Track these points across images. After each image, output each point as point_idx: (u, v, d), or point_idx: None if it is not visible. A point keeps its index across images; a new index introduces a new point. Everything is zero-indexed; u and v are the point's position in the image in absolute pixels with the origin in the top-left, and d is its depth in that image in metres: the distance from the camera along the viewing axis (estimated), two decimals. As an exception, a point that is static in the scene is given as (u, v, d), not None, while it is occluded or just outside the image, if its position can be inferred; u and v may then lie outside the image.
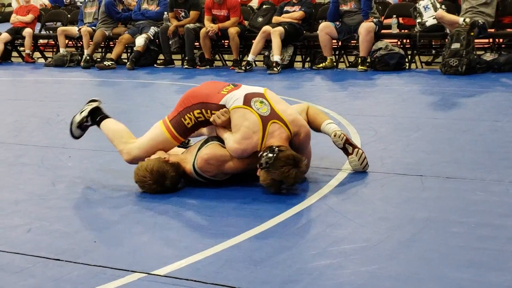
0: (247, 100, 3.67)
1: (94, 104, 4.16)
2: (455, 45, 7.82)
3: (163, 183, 3.60)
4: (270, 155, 3.44)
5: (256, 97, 3.70)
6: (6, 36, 11.60)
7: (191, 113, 3.77)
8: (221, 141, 3.71)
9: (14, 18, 11.82)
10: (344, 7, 8.94)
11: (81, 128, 4.10)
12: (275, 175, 3.45)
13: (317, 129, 3.97)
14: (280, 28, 9.00)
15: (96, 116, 4.09)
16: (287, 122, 3.64)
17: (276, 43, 8.93)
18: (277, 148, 3.47)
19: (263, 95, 3.73)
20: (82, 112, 4.10)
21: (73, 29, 11.20)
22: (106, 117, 4.12)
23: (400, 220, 3.08)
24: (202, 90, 3.87)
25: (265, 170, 3.45)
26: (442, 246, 2.73)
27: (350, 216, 3.14)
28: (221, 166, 3.65)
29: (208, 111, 3.74)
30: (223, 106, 3.70)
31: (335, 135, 3.88)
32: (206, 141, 3.74)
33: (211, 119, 3.73)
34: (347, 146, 3.89)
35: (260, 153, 3.52)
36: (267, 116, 3.61)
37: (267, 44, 9.36)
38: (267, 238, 2.92)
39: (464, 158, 4.13)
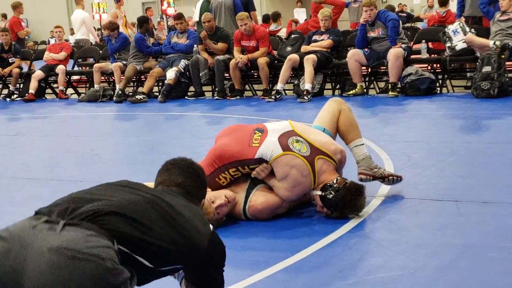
0: (284, 145, 3.60)
1: None
2: (486, 68, 7.77)
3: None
4: (338, 196, 3.47)
5: (290, 137, 3.64)
6: (39, 73, 11.82)
7: (226, 172, 3.66)
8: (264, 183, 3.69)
9: (47, 55, 12.05)
10: (372, 34, 8.95)
11: None
12: (349, 212, 3.53)
13: (345, 143, 4.00)
14: (313, 56, 9.02)
15: None
16: (330, 154, 3.65)
17: (308, 71, 8.94)
18: (336, 185, 3.50)
19: (293, 132, 3.69)
20: None
21: (108, 65, 11.37)
22: None
23: (436, 247, 3.04)
24: (231, 148, 3.67)
25: (340, 208, 3.51)
26: (481, 273, 2.69)
27: (385, 244, 3.12)
28: (273, 212, 3.64)
29: (246, 167, 3.65)
30: (260, 160, 3.60)
31: (359, 174, 3.92)
32: (253, 182, 3.68)
33: (252, 174, 3.66)
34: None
35: (320, 194, 3.53)
36: (310, 155, 3.59)
37: (296, 73, 9.40)
38: (303, 268, 2.90)
39: (500, 182, 4.08)
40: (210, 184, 3.64)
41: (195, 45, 10.35)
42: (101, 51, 12.27)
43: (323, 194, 3.52)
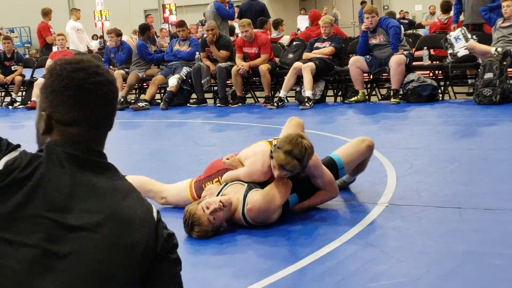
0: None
1: None
2: (488, 75, 7.77)
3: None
4: (279, 141, 3.63)
5: None
6: (42, 81, 11.80)
7: (210, 182, 4.00)
8: (259, 185, 3.75)
9: (49, 63, 12.04)
10: (374, 41, 8.96)
11: None
12: (287, 146, 3.53)
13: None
14: (311, 64, 9.04)
15: None
16: None
17: (307, 79, 8.96)
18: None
19: None
20: None
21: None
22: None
23: (439, 253, 3.04)
24: (218, 162, 4.09)
25: (277, 148, 3.57)
26: (483, 280, 2.68)
27: (388, 251, 3.11)
28: (270, 207, 3.62)
29: None
30: None
31: None
32: (249, 187, 3.71)
33: (222, 161, 3.96)
34: None
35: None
36: (272, 141, 3.88)
37: (299, 80, 9.41)
38: (305, 275, 2.90)
39: (502, 189, 4.08)
40: (197, 189, 4.04)
41: (197, 53, 10.38)
42: (103, 59, 12.29)
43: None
